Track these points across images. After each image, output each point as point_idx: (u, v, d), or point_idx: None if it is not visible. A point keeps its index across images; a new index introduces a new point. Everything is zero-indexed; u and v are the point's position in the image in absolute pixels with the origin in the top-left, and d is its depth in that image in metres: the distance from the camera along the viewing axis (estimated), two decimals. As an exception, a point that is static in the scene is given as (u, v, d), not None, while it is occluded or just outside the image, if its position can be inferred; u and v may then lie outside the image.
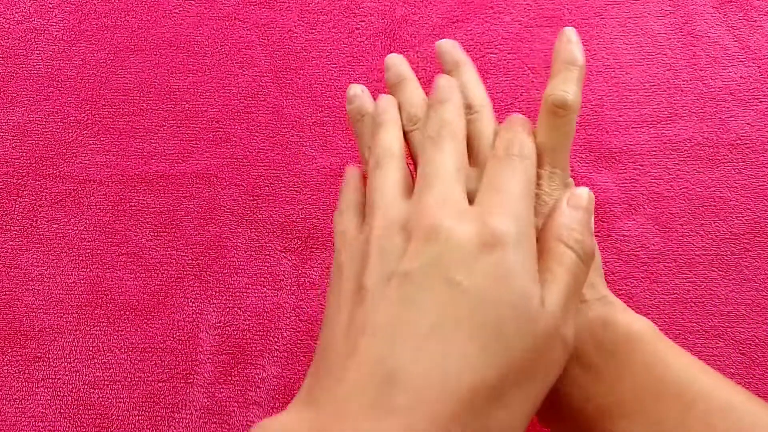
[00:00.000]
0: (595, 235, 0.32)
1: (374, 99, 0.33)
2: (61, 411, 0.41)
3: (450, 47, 0.31)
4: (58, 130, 0.47)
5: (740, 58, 0.47)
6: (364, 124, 0.31)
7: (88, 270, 0.44)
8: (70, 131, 0.47)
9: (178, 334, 0.42)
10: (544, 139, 0.27)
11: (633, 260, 0.43)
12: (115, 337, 0.43)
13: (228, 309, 0.43)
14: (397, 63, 0.32)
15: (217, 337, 0.42)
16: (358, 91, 0.32)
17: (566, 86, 0.27)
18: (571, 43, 0.28)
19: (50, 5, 0.51)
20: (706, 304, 0.42)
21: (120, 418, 0.41)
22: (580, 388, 0.23)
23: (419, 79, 0.48)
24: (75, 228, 0.45)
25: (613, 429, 0.22)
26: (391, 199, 0.24)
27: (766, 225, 0.43)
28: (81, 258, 0.44)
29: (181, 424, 0.41)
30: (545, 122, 0.27)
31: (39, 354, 0.42)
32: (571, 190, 0.25)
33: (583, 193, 0.25)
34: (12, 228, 0.45)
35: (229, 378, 0.42)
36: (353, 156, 0.46)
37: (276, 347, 0.42)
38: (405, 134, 0.29)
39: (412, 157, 0.29)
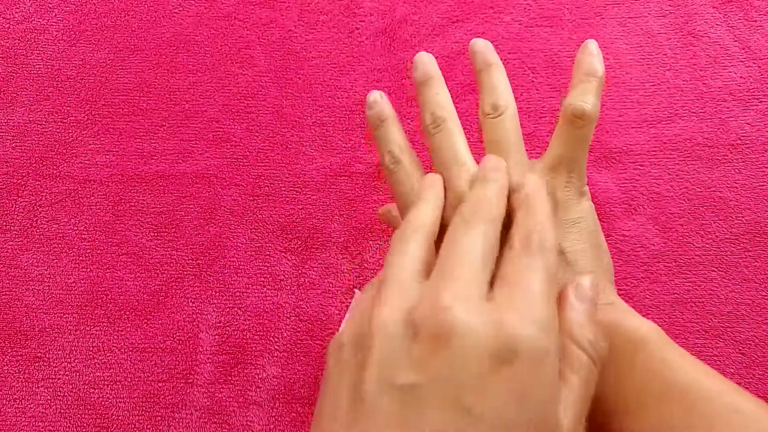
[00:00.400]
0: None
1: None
2: (61, 411, 0.41)
3: (483, 47, 0.31)
4: (58, 130, 0.47)
5: (740, 58, 0.47)
6: (384, 131, 0.30)
7: (88, 270, 0.44)
8: (70, 131, 0.47)
9: (178, 334, 0.42)
10: (561, 148, 0.28)
11: (633, 260, 0.43)
12: (115, 337, 0.43)
13: (228, 309, 0.43)
14: (426, 61, 0.31)
15: (217, 337, 0.42)
16: (377, 97, 0.31)
17: (585, 97, 0.28)
18: (592, 56, 0.29)
19: (50, 5, 0.51)
20: (706, 304, 0.42)
21: (120, 418, 0.41)
22: None
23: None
24: (75, 228, 0.45)
25: (618, 427, 0.22)
26: (407, 278, 0.21)
27: (766, 225, 0.43)
28: (81, 258, 0.44)
29: (181, 424, 0.41)
30: (564, 132, 0.28)
31: (39, 354, 0.42)
32: (576, 279, 0.23)
33: (587, 284, 0.23)
34: (12, 228, 0.45)
35: (229, 378, 0.42)
36: (353, 156, 0.46)
37: (276, 347, 0.42)
38: (427, 135, 0.29)
39: (432, 162, 0.29)
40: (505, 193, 0.24)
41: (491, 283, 0.21)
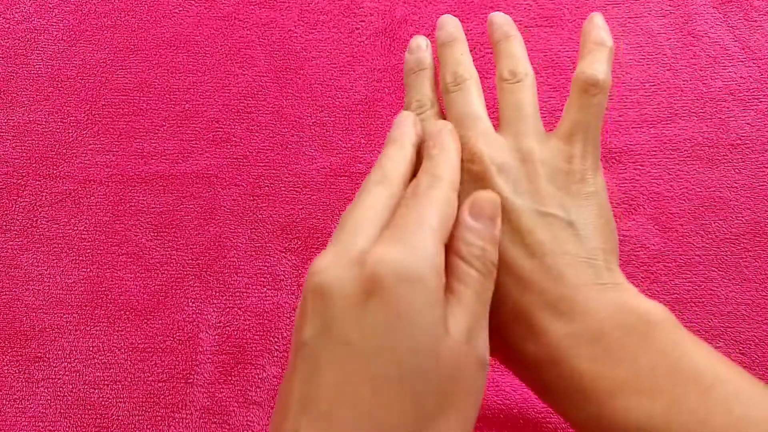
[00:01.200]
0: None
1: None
2: (62, 411, 0.41)
3: (503, 20, 0.31)
4: (58, 130, 0.47)
5: (740, 58, 0.47)
6: (419, 78, 0.30)
7: (88, 270, 0.44)
8: (70, 131, 0.47)
9: (178, 334, 0.42)
10: (576, 115, 0.27)
11: (633, 260, 0.43)
12: (115, 337, 0.43)
13: (228, 309, 0.43)
14: (452, 23, 0.31)
15: (217, 337, 0.42)
16: (422, 43, 0.31)
17: (596, 65, 0.27)
18: (598, 27, 0.29)
19: (50, 5, 0.51)
20: (706, 304, 0.42)
21: (120, 418, 0.41)
22: (595, 365, 0.23)
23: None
24: (75, 228, 0.45)
25: (626, 405, 0.22)
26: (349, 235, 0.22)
27: (766, 225, 0.43)
28: (81, 258, 0.44)
29: (181, 424, 0.41)
30: (576, 101, 0.27)
31: (39, 354, 0.42)
32: (474, 194, 0.24)
33: (486, 201, 0.23)
34: (12, 228, 0.45)
35: (229, 378, 0.42)
36: (353, 156, 0.46)
37: (276, 347, 0.42)
38: (444, 93, 0.29)
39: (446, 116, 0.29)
40: (413, 152, 0.25)
41: None
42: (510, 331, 0.24)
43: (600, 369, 0.23)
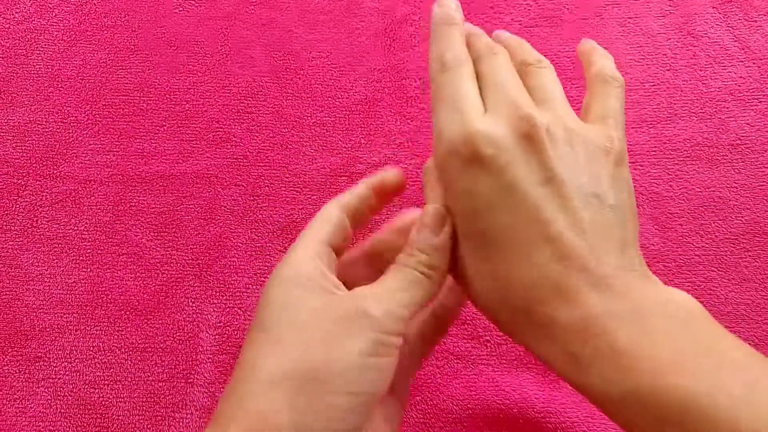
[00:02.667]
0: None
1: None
2: (62, 411, 0.41)
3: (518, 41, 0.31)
4: (58, 130, 0.47)
5: (740, 58, 0.47)
6: (449, 31, 0.28)
7: (89, 270, 0.44)
8: (70, 131, 0.47)
9: (178, 334, 0.43)
10: (605, 102, 0.27)
11: (633, 260, 0.43)
12: (116, 337, 0.43)
13: (228, 309, 0.43)
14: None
15: (217, 337, 0.42)
16: (452, 2, 0.29)
17: (611, 67, 0.28)
18: (595, 47, 0.30)
19: (50, 5, 0.51)
20: (706, 304, 0.41)
21: (120, 418, 0.41)
22: (633, 345, 0.22)
23: (421, 79, 0.48)
24: (75, 228, 0.45)
25: (667, 384, 0.21)
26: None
27: (766, 225, 0.43)
28: (81, 258, 0.44)
29: (181, 424, 0.41)
30: (601, 90, 0.27)
31: (39, 354, 0.42)
32: (422, 212, 0.27)
33: (427, 215, 0.26)
34: (12, 228, 0.45)
35: (229, 378, 0.41)
36: (353, 156, 0.46)
37: (276, 347, 0.42)
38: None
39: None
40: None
41: None
42: (539, 300, 0.24)
43: (639, 349, 0.22)
